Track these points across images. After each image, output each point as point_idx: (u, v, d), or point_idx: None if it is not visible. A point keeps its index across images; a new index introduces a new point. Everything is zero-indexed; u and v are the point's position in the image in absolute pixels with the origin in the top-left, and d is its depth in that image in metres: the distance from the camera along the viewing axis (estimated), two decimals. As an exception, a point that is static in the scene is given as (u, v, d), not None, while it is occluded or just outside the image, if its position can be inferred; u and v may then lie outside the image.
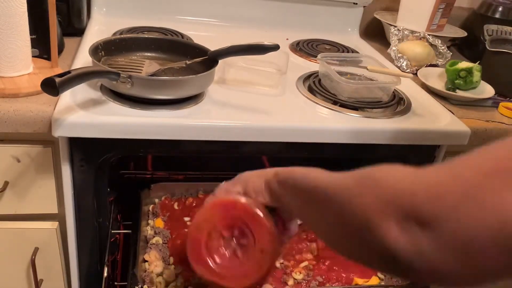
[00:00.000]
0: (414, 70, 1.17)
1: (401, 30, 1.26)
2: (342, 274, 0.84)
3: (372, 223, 0.38)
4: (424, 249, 0.35)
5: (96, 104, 0.78)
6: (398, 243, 0.36)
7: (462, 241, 0.34)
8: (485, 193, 0.34)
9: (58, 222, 0.87)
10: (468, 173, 0.36)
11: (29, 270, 0.89)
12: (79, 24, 1.08)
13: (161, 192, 1.00)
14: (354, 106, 0.90)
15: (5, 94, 0.76)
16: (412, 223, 0.36)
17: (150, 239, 0.88)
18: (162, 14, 1.25)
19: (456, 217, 0.34)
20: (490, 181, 0.34)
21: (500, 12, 1.40)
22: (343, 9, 1.37)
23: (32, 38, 0.84)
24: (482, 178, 0.35)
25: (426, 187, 0.37)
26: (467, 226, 0.34)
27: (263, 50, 0.83)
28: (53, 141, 0.79)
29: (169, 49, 0.92)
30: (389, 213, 0.37)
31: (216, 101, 0.86)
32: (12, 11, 0.76)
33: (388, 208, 0.37)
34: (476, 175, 0.35)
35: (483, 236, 0.33)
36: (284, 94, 0.94)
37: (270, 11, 1.32)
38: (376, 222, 0.38)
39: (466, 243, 0.34)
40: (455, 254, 0.34)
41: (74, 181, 0.82)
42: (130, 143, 0.77)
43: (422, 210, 0.36)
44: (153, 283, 0.78)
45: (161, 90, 0.78)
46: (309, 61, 1.15)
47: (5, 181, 0.81)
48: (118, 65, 0.83)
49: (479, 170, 0.35)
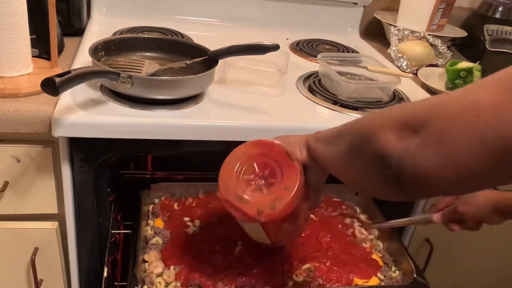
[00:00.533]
0: (414, 70, 1.17)
1: (401, 30, 1.26)
2: (342, 275, 0.84)
3: (375, 135, 0.44)
4: (412, 148, 0.40)
5: (96, 104, 0.78)
6: (393, 148, 0.41)
7: (447, 140, 0.37)
8: (473, 97, 0.37)
9: (58, 222, 0.87)
10: (458, 90, 0.40)
11: (29, 270, 0.89)
12: (79, 24, 1.08)
13: (161, 192, 1.00)
14: (354, 106, 0.90)
15: (5, 94, 0.76)
16: (407, 131, 0.41)
17: (150, 239, 0.88)
18: (162, 14, 1.25)
19: (444, 118, 0.38)
20: (483, 90, 0.37)
21: (500, 12, 1.40)
22: (343, 9, 1.37)
23: (32, 38, 0.84)
24: (477, 88, 0.38)
25: (423, 103, 0.42)
26: (453, 127, 0.37)
27: (263, 50, 0.83)
28: (53, 141, 0.79)
29: (169, 49, 0.92)
30: (390, 125, 0.43)
31: (216, 101, 0.86)
32: (12, 11, 0.76)
33: (390, 120, 0.43)
34: (467, 87, 0.39)
35: (469, 138, 0.36)
36: (284, 94, 0.94)
37: (270, 11, 1.32)
38: (378, 134, 0.43)
39: (451, 143, 0.37)
40: (440, 152, 0.38)
41: (74, 181, 0.82)
42: (130, 143, 0.77)
43: (416, 117, 0.40)
44: (153, 283, 0.78)
45: (161, 90, 0.78)
46: (309, 61, 1.15)
47: (5, 181, 0.81)
48: (118, 65, 0.83)
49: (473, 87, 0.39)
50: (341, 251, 0.89)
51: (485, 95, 0.36)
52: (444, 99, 0.40)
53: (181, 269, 0.80)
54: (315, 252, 0.89)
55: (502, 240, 1.15)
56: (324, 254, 0.88)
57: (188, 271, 0.79)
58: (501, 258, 1.20)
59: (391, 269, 0.88)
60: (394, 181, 0.42)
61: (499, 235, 1.14)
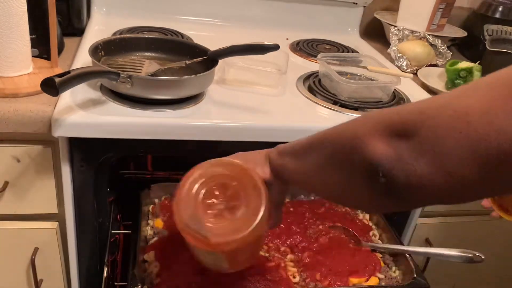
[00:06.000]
0: (414, 70, 1.17)
1: (401, 30, 1.26)
2: (342, 275, 0.84)
3: (362, 142, 0.41)
4: (402, 154, 0.38)
5: (96, 104, 0.78)
6: (384, 155, 0.39)
7: (438, 148, 0.36)
8: (463, 102, 0.35)
9: (58, 222, 0.87)
10: (447, 94, 0.38)
11: (29, 270, 0.89)
12: (79, 24, 1.08)
13: (161, 192, 1.00)
14: (354, 106, 0.90)
15: (5, 94, 0.76)
16: (396, 137, 0.39)
17: (150, 239, 0.88)
18: (162, 14, 1.25)
19: (435, 124, 0.36)
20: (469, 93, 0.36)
21: (500, 12, 1.40)
22: (343, 9, 1.37)
23: (32, 38, 0.84)
24: (467, 91, 0.36)
25: (410, 107, 0.40)
26: (444, 133, 0.35)
27: (263, 50, 0.83)
28: (53, 141, 0.79)
29: (169, 49, 0.92)
30: (377, 130, 0.40)
31: (216, 101, 0.86)
32: (12, 11, 0.76)
33: (376, 126, 0.41)
34: (457, 90, 0.37)
35: (460, 145, 0.34)
36: (284, 94, 0.94)
37: (270, 11, 1.32)
38: (365, 141, 0.41)
39: (442, 150, 0.35)
40: (431, 160, 0.36)
41: (74, 181, 0.82)
42: (130, 143, 0.77)
43: (405, 123, 0.38)
44: (153, 283, 0.78)
45: (161, 90, 0.78)
46: (309, 61, 1.15)
47: (5, 181, 0.81)
48: (118, 65, 0.83)
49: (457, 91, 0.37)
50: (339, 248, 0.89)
51: (475, 100, 0.34)
52: (434, 103, 0.38)
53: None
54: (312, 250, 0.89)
55: (502, 240, 1.16)
56: (321, 252, 0.88)
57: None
58: (501, 258, 1.20)
59: (391, 269, 0.88)
60: (386, 191, 0.40)
61: (499, 235, 1.14)
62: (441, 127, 0.35)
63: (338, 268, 0.86)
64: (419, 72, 1.13)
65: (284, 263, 0.86)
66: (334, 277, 0.84)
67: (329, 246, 0.91)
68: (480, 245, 1.15)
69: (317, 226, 0.95)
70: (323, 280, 0.84)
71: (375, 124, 0.41)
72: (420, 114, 0.38)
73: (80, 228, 0.87)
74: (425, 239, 1.08)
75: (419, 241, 1.08)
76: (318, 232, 0.94)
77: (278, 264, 0.85)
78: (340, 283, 0.83)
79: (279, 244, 0.91)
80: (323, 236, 0.92)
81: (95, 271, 0.92)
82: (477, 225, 1.11)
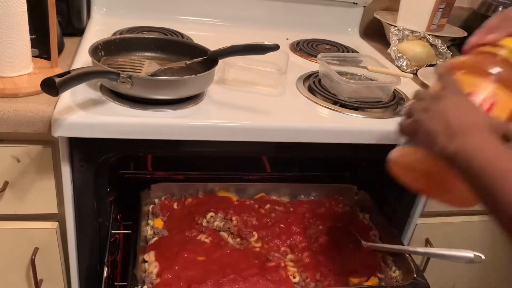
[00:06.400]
0: (414, 70, 1.17)
1: (401, 30, 1.26)
2: (342, 275, 0.84)
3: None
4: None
5: (96, 104, 0.78)
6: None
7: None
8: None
9: (58, 222, 0.87)
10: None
11: (29, 270, 0.89)
12: (79, 24, 1.08)
13: (161, 192, 1.00)
14: (354, 106, 0.90)
15: (5, 94, 0.76)
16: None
17: (150, 239, 0.88)
18: (162, 14, 1.25)
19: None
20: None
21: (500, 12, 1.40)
22: (343, 9, 1.37)
23: (32, 38, 0.84)
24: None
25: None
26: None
27: (263, 50, 0.83)
28: (53, 141, 0.79)
29: (169, 49, 0.92)
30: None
31: (216, 101, 0.86)
32: (12, 11, 0.76)
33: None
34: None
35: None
36: (284, 94, 0.94)
37: (270, 11, 1.32)
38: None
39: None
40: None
41: (74, 181, 0.82)
42: (130, 143, 0.77)
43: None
44: (153, 283, 0.78)
45: (161, 90, 0.78)
46: (309, 61, 1.15)
47: (5, 181, 0.81)
48: (118, 65, 0.83)
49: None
50: (339, 248, 0.90)
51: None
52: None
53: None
54: (313, 251, 0.89)
55: (503, 240, 1.15)
56: (321, 252, 0.88)
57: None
58: (501, 258, 1.20)
59: (391, 269, 0.88)
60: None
61: (499, 235, 1.13)
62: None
63: (338, 268, 0.86)
64: (419, 72, 1.13)
65: (284, 263, 0.86)
66: (334, 277, 0.84)
67: (329, 246, 0.91)
68: (480, 245, 1.15)
69: (317, 226, 0.96)
70: (323, 280, 0.84)
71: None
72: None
73: (80, 228, 0.87)
74: (425, 239, 1.08)
75: (419, 241, 1.08)
76: (318, 232, 0.94)
77: (278, 264, 0.85)
78: (340, 283, 0.84)
79: (279, 244, 0.91)
80: (323, 236, 0.93)
81: (95, 271, 0.92)
82: (477, 225, 1.11)
